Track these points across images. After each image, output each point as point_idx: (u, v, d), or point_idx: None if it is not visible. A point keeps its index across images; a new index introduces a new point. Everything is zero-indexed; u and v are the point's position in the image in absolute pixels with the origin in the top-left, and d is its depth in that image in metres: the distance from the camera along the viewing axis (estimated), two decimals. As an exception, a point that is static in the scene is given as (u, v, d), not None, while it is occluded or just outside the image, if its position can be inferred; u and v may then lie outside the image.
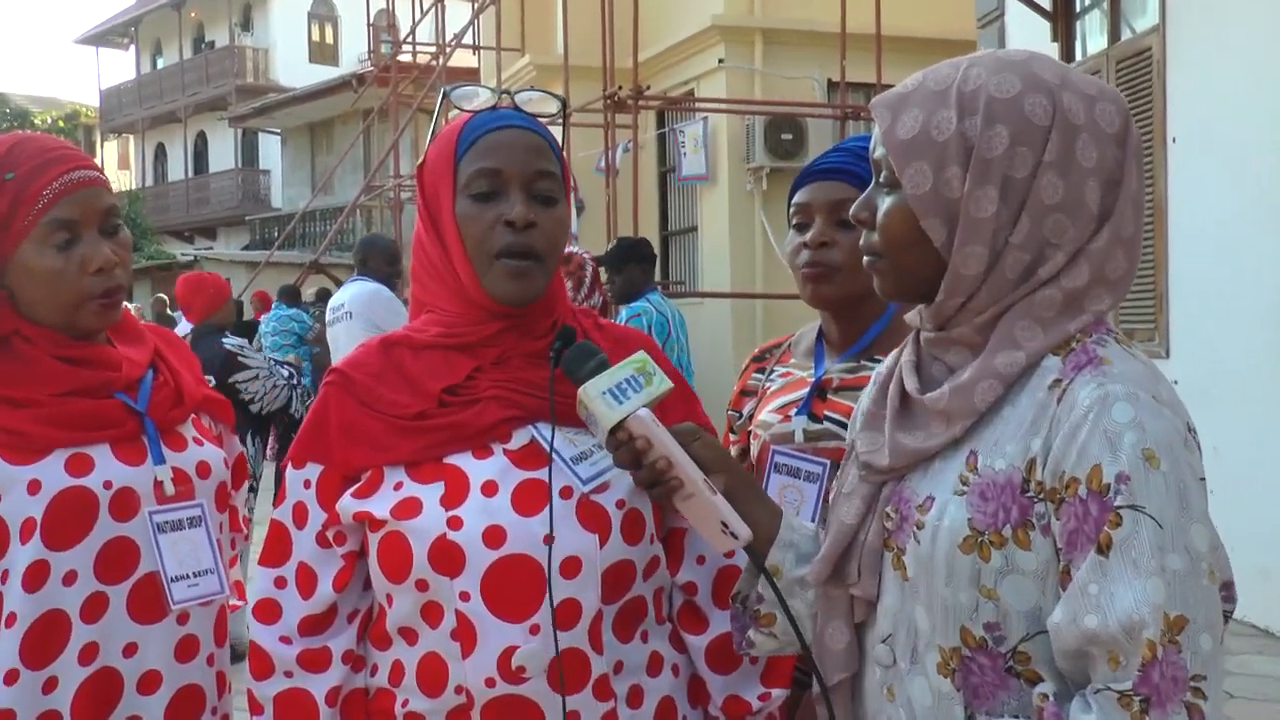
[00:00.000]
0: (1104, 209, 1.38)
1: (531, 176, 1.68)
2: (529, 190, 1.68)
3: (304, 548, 1.73)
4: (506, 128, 1.70)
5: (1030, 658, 1.34)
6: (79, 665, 1.88)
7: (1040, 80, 1.38)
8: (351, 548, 1.71)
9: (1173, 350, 6.75)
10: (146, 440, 2.00)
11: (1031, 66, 1.39)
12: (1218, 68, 6.41)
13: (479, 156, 1.68)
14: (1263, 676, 5.55)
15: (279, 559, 1.75)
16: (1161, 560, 1.23)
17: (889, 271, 1.46)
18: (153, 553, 1.95)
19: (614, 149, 11.36)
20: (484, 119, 1.72)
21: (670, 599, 1.82)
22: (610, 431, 1.56)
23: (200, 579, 2.00)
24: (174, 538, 1.98)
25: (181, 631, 1.99)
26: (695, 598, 1.81)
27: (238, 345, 5.96)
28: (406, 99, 16.89)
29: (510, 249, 1.66)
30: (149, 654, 1.95)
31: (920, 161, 1.38)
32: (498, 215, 1.66)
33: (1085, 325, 1.38)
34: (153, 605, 1.95)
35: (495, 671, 1.60)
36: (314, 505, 1.72)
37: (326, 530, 1.71)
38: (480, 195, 1.67)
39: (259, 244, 29.45)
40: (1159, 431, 1.27)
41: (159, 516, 1.97)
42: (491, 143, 1.68)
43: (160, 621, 1.96)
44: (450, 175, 1.69)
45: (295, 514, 1.74)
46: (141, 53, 39.47)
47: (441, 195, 1.70)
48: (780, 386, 2.22)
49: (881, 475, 1.47)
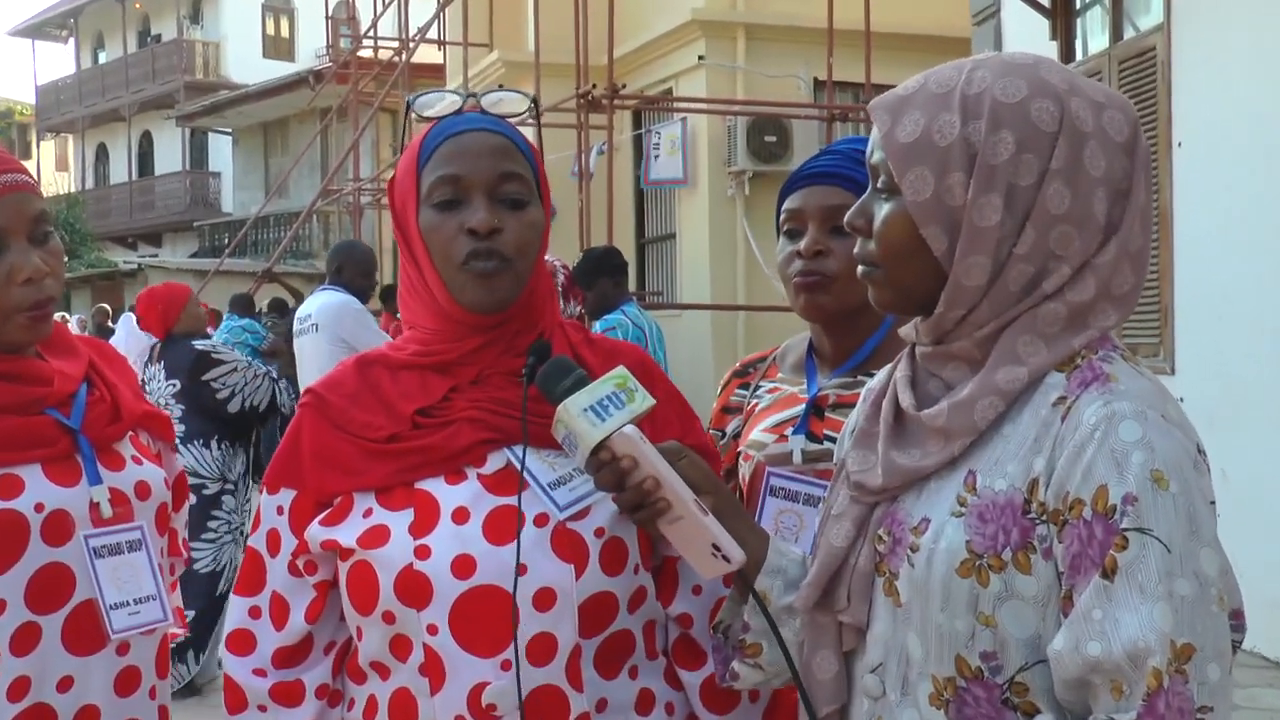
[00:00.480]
0: (1111, 221, 1.39)
1: (495, 181, 1.68)
2: (493, 195, 1.68)
3: (277, 576, 1.73)
4: (467, 132, 1.70)
5: (1028, 689, 1.34)
6: (8, 702, 1.86)
7: (1047, 85, 1.39)
8: (324, 577, 1.71)
9: (1178, 367, 6.79)
10: (81, 459, 1.98)
11: (1039, 71, 1.40)
12: (1226, 68, 6.45)
13: (439, 164, 1.68)
14: (1273, 710, 5.58)
15: (254, 588, 1.75)
16: (1169, 585, 1.23)
17: (886, 282, 1.47)
18: (89, 579, 1.94)
19: (588, 151, 11.37)
20: (446, 124, 1.72)
21: (665, 632, 1.81)
22: (592, 452, 1.55)
23: (142, 606, 1.99)
24: (113, 563, 1.97)
25: (122, 663, 1.97)
26: (691, 630, 1.79)
27: (209, 345, 6.11)
28: (367, 97, 16.89)
29: (473, 255, 1.66)
30: (87, 688, 1.93)
31: (921, 167, 1.39)
32: (460, 224, 1.66)
33: (1090, 341, 1.39)
34: (90, 635, 1.93)
35: (465, 709, 1.59)
36: (286, 532, 1.72)
37: (297, 559, 1.71)
38: (442, 204, 1.68)
39: (208, 251, 29.33)
40: (1168, 452, 1.28)
41: (95, 540, 1.96)
42: (451, 149, 1.69)
43: (99, 652, 1.94)
44: (414, 186, 1.70)
45: (269, 541, 1.74)
46: (82, 46, 39.28)
47: (408, 208, 1.71)
48: (770, 404, 2.21)
49: (874, 496, 1.48)
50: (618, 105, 11.37)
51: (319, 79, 22.35)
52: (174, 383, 6.12)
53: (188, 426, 6.14)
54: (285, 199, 27.32)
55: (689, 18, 12.42)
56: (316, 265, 26.17)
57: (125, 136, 36.16)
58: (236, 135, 33.11)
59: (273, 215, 26.72)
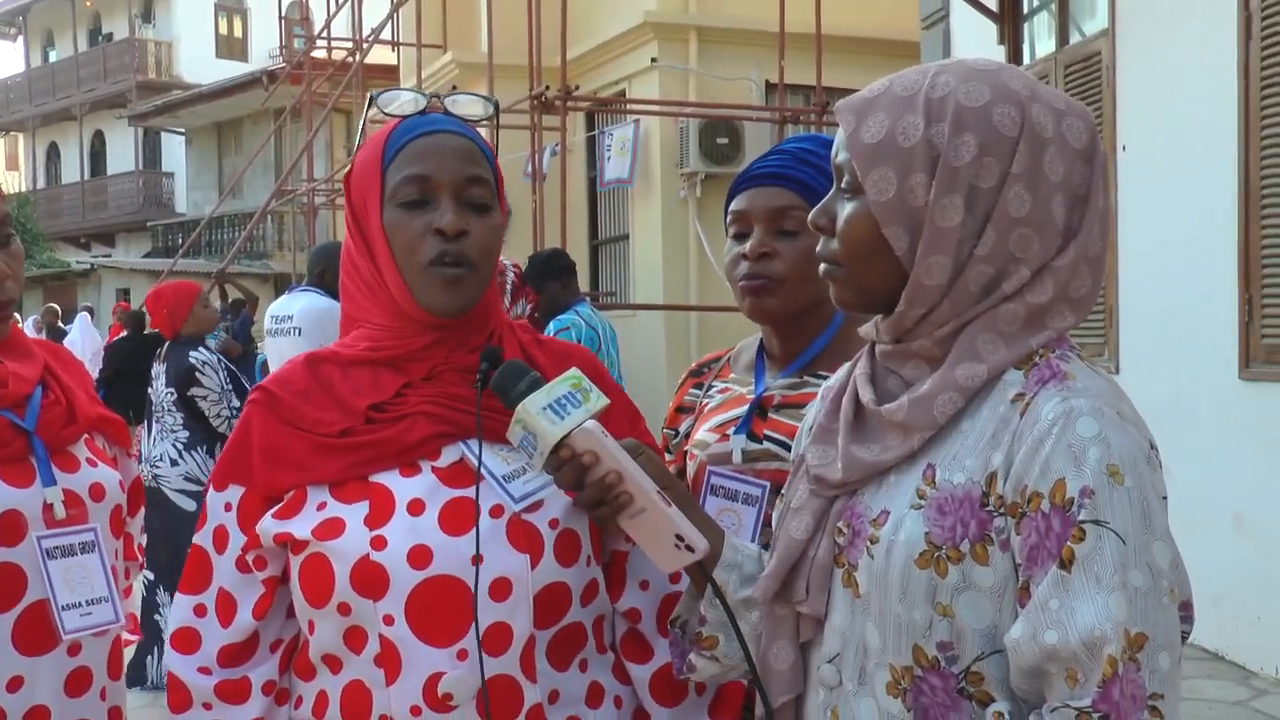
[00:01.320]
0: (1070, 225, 1.41)
1: (463, 183, 1.68)
2: (460, 197, 1.68)
3: (224, 573, 1.72)
4: (435, 133, 1.70)
5: (983, 678, 1.36)
6: None
7: (1010, 91, 1.41)
8: (273, 573, 1.70)
9: (1123, 366, 6.87)
10: (35, 461, 1.97)
11: (1001, 76, 1.43)
12: (1170, 73, 6.52)
13: (407, 163, 1.68)
14: (1213, 701, 5.65)
15: (199, 586, 1.73)
16: (1124, 576, 1.26)
17: (848, 281, 1.48)
18: (42, 580, 1.92)
19: (541, 153, 11.36)
20: (412, 123, 1.72)
21: (612, 627, 1.82)
22: (552, 450, 1.55)
23: (94, 607, 1.98)
24: (65, 564, 1.96)
25: (73, 664, 1.96)
26: (639, 625, 1.81)
27: (201, 361, 6.23)
28: (321, 98, 16.77)
29: (441, 258, 1.66)
30: (37, 688, 1.92)
31: (885, 167, 1.41)
32: (427, 224, 1.66)
33: (1048, 341, 1.42)
34: (41, 636, 1.92)
35: (421, 699, 1.59)
36: (234, 529, 1.71)
37: (246, 554, 1.70)
38: (409, 203, 1.67)
39: (162, 251, 29.12)
40: (1123, 447, 1.30)
41: (48, 541, 1.95)
42: (420, 148, 1.68)
43: (49, 653, 1.93)
44: (377, 183, 1.69)
45: (216, 538, 1.73)
46: (31, 44, 38.84)
47: (369, 205, 1.70)
48: (719, 403, 2.21)
49: (833, 490, 1.49)
50: (571, 107, 11.36)
51: (272, 79, 22.20)
52: (171, 390, 6.17)
53: (190, 434, 6.19)
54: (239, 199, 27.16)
55: (641, 20, 12.44)
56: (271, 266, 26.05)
57: (77, 136, 35.81)
58: (190, 135, 32.85)
59: (227, 215, 26.56)
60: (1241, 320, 5.99)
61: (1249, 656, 6.05)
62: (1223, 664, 6.11)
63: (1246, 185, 5.95)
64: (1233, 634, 6.10)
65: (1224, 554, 6.02)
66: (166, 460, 6.17)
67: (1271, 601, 5.90)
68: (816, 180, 2.03)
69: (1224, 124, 6.06)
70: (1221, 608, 6.06)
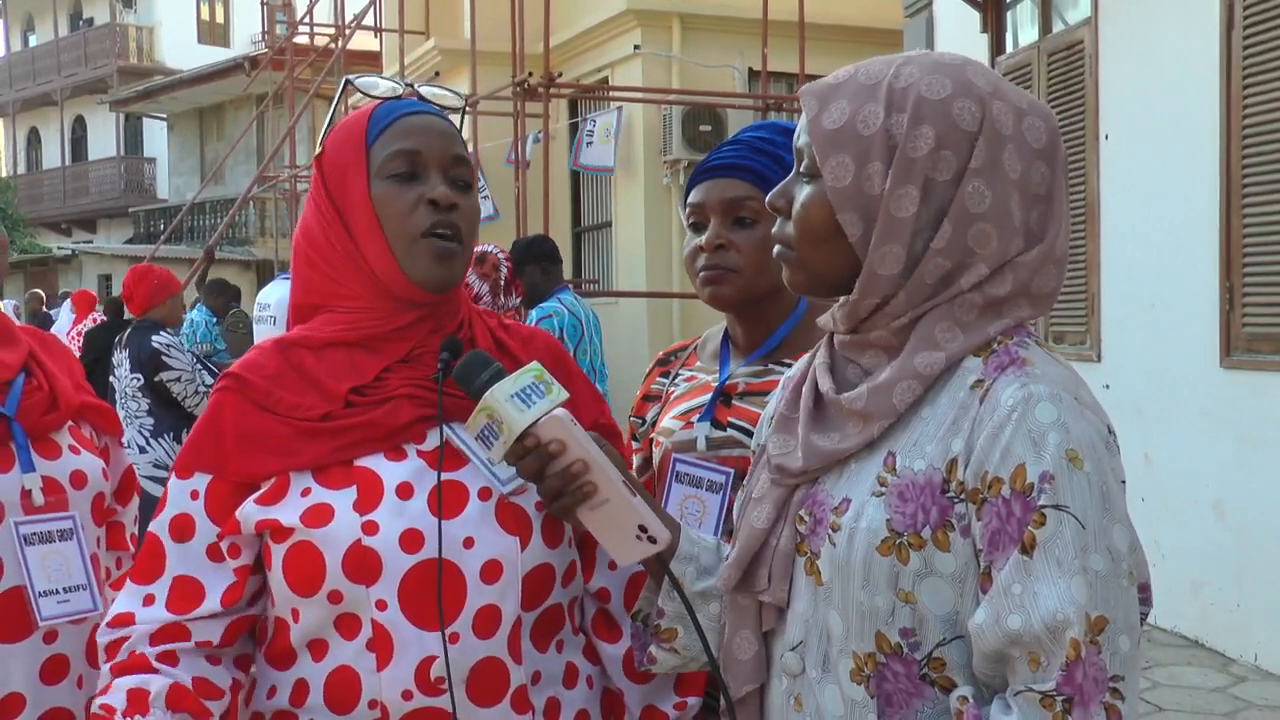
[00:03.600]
0: (1030, 224, 1.42)
1: (449, 161, 1.71)
2: (447, 174, 1.71)
3: (186, 562, 1.68)
4: (422, 113, 1.74)
5: (945, 663, 1.37)
6: None
7: (972, 86, 1.42)
8: (245, 561, 1.69)
9: (1104, 354, 6.88)
10: (14, 447, 1.96)
11: (965, 72, 1.43)
12: (1152, 62, 6.54)
13: (396, 139, 1.70)
14: (1192, 688, 5.68)
15: (150, 575, 1.69)
16: (1084, 560, 1.27)
17: (799, 264, 1.49)
18: (18, 566, 1.92)
19: (524, 140, 11.34)
20: (394, 105, 1.75)
21: (582, 609, 1.84)
22: (516, 439, 1.54)
23: (71, 595, 1.97)
24: (42, 550, 1.95)
25: (48, 651, 1.95)
26: (609, 605, 1.84)
27: (164, 344, 6.16)
28: (303, 84, 16.73)
29: (435, 227, 1.67)
30: (11, 675, 1.91)
31: (843, 154, 1.41)
32: (419, 195, 1.68)
33: (1006, 328, 1.43)
34: (16, 622, 1.92)
35: (413, 684, 1.59)
36: (202, 517, 1.68)
37: (220, 542, 1.68)
38: (399, 176, 1.69)
39: (143, 237, 29.02)
40: (1082, 433, 1.31)
41: (26, 528, 1.94)
42: (408, 125, 1.71)
43: (24, 640, 1.92)
44: (361, 159, 1.70)
45: (175, 526, 1.69)
46: (11, 28, 38.66)
47: (349, 181, 1.70)
48: (684, 391, 2.23)
49: (794, 479, 1.50)
50: (554, 94, 11.36)
51: (254, 65, 22.13)
52: (137, 376, 6.14)
53: (157, 421, 6.15)
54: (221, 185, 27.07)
55: (625, 7, 12.43)
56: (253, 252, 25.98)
57: (58, 121, 35.65)
58: (171, 121, 32.73)
59: (209, 201, 26.47)
60: (1222, 308, 6.01)
61: (1228, 643, 6.08)
62: (1202, 651, 6.14)
63: (1228, 174, 5.97)
64: (1212, 621, 6.13)
65: (1204, 542, 6.05)
66: (134, 447, 6.12)
67: (1250, 589, 5.93)
68: (771, 169, 2.05)
69: (1206, 112, 6.08)
70: (1201, 595, 6.09)
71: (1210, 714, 5.41)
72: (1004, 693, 1.31)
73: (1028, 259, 1.41)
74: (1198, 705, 5.50)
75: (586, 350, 6.07)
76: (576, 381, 1.78)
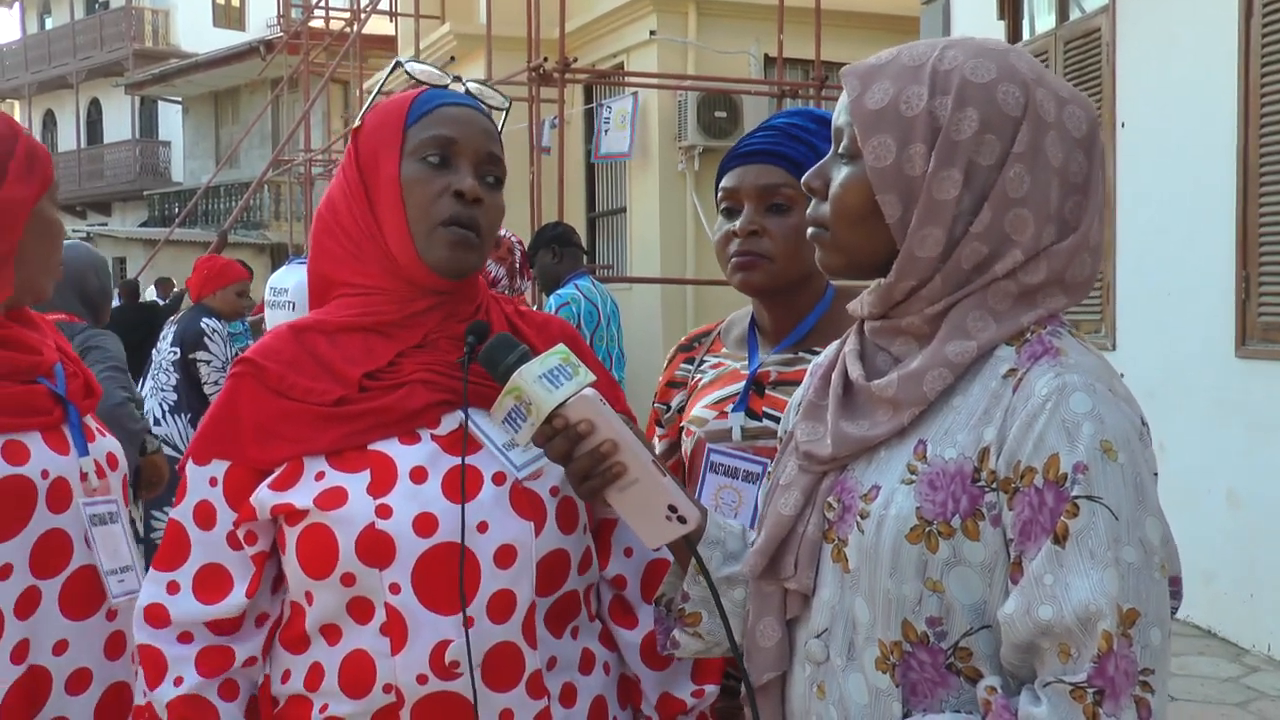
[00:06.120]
0: (1066, 212, 1.42)
1: (484, 156, 1.72)
2: (479, 169, 1.71)
3: (210, 550, 1.69)
4: (466, 105, 1.74)
5: (971, 654, 1.36)
6: (11, 664, 1.87)
7: (1016, 71, 1.41)
8: (262, 548, 1.69)
9: (1119, 343, 6.87)
10: (69, 430, 1.98)
11: (1009, 57, 1.43)
12: (1170, 50, 6.51)
13: (435, 124, 1.70)
14: (1204, 678, 5.68)
15: (175, 562, 1.70)
16: (1117, 552, 1.26)
17: (834, 245, 1.49)
18: (83, 546, 1.95)
19: (539, 125, 11.32)
20: (440, 92, 1.75)
21: (599, 595, 1.84)
22: (545, 420, 1.54)
23: (125, 575, 2.01)
24: (101, 532, 1.98)
25: (111, 628, 1.99)
26: (625, 592, 1.84)
27: (210, 329, 6.47)
28: (318, 68, 16.73)
29: (456, 218, 1.68)
30: (79, 651, 1.95)
31: (885, 134, 1.41)
32: (446, 184, 1.68)
33: (1039, 318, 1.42)
34: (84, 601, 1.95)
35: (428, 667, 1.59)
36: (222, 504, 1.68)
37: (238, 529, 1.68)
38: (431, 161, 1.69)
39: (158, 220, 29.07)
40: (1116, 424, 1.31)
41: (90, 509, 1.97)
42: (450, 114, 1.72)
43: (90, 618, 1.96)
44: (398, 138, 1.71)
45: (198, 514, 1.70)
46: (27, 11, 38.68)
47: (382, 160, 1.70)
48: (712, 379, 2.21)
49: (823, 465, 1.49)
50: (569, 79, 11.33)
51: (269, 49, 22.14)
52: (175, 350, 6.30)
53: (178, 398, 6.26)
54: (236, 169, 27.10)
55: (641, -8, 12.38)
56: (267, 236, 25.99)
57: (73, 104, 35.67)
58: (186, 104, 32.75)
59: (223, 185, 26.52)
60: (1239, 298, 5.99)
61: (1241, 633, 6.07)
62: (1215, 641, 6.14)
63: (1245, 163, 5.94)
64: (1225, 611, 6.13)
65: (1217, 531, 6.04)
66: (150, 418, 6.23)
67: (1263, 579, 5.92)
68: (806, 156, 2.03)
69: (1224, 101, 6.05)
70: (1213, 585, 6.08)
71: (1222, 704, 5.40)
72: (1032, 684, 1.30)
73: (1062, 247, 1.40)
74: (1210, 695, 5.49)
75: (604, 337, 6.04)
76: (592, 368, 1.78)
